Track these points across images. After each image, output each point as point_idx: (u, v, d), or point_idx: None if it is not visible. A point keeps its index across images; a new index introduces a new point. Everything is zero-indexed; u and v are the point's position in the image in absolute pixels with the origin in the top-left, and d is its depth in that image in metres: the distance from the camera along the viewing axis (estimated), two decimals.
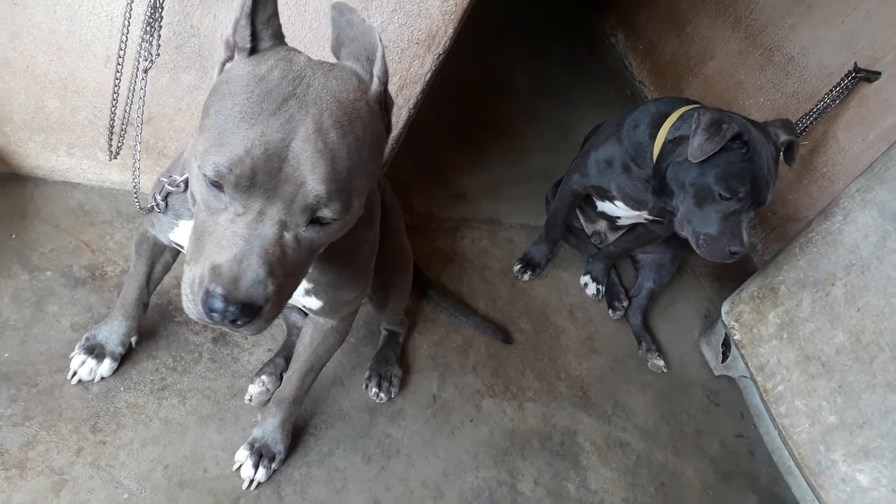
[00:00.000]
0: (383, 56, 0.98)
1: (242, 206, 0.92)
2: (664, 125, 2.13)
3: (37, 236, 1.84)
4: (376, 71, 0.99)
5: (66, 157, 1.93)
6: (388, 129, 1.06)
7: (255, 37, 0.99)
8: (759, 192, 2.00)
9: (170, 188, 1.25)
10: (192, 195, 1.02)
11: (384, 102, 1.03)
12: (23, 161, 1.91)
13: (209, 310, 0.93)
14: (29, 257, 1.79)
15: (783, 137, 2.07)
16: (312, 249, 1.00)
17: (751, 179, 1.97)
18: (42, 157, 1.91)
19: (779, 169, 2.08)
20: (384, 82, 1.00)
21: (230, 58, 1.01)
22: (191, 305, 0.96)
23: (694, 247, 2.10)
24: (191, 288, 0.95)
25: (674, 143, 2.07)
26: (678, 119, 2.11)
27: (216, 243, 0.94)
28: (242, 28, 0.98)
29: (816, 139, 2.99)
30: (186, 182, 1.23)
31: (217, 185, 0.91)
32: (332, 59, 1.06)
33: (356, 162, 0.94)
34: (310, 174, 0.90)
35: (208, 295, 0.92)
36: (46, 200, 1.93)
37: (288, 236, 0.95)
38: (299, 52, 1.02)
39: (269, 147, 0.88)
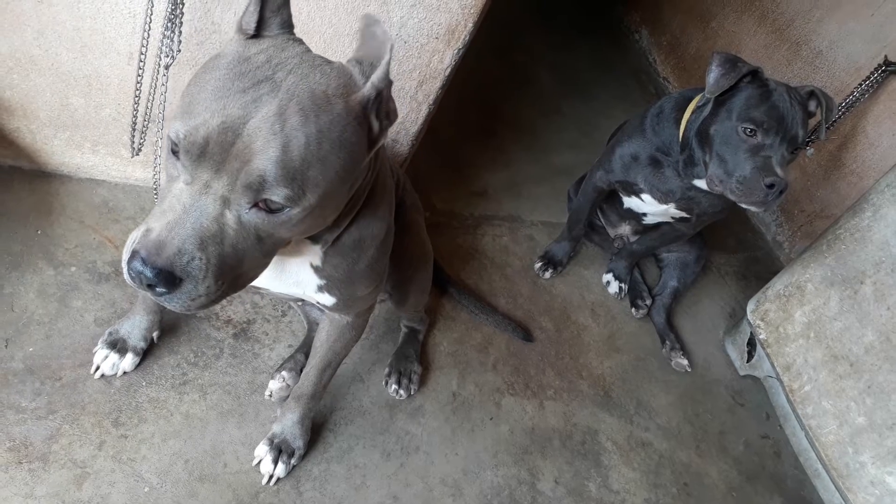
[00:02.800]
0: (388, 65, 0.96)
1: (191, 175, 0.93)
2: (689, 107, 2.11)
3: (62, 232, 1.87)
4: (375, 77, 0.97)
5: (90, 154, 1.95)
6: (374, 141, 1.04)
7: (261, 24, 1.00)
8: (787, 126, 1.94)
9: None
10: None
11: (375, 110, 1.01)
12: (48, 158, 1.94)
13: (128, 270, 0.93)
14: (54, 253, 1.81)
15: (807, 88, 2.04)
16: (260, 237, 0.99)
17: (775, 110, 1.93)
18: (67, 154, 1.94)
19: (808, 120, 2.04)
20: (379, 89, 0.98)
21: None
22: (123, 265, 0.97)
23: (730, 196, 1.99)
24: (126, 248, 0.96)
25: (698, 112, 2.05)
26: (701, 97, 2.10)
27: (161, 209, 0.95)
28: (250, 13, 0.99)
29: (845, 134, 2.93)
30: None
31: (175, 152, 0.93)
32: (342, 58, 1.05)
33: (313, 154, 0.93)
34: (259, 153, 0.90)
35: (133, 256, 0.92)
36: (71, 197, 1.96)
37: (230, 215, 0.94)
38: (301, 43, 1.03)
39: (226, 120, 0.90)
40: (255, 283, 1.29)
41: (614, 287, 2.65)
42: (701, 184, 2.13)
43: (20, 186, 1.91)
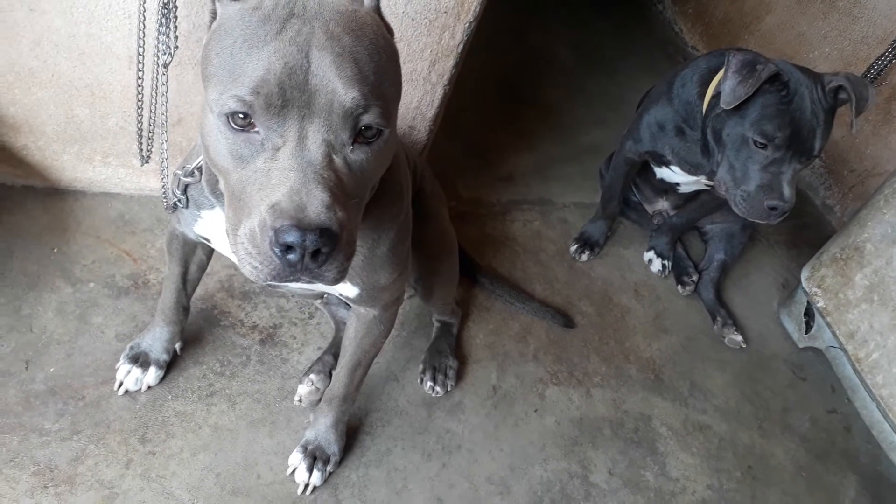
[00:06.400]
0: None
1: (280, 134, 0.85)
2: (714, 80, 1.95)
3: (78, 249, 1.82)
4: None
5: (101, 166, 1.90)
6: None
7: None
8: (801, 140, 1.80)
9: (186, 179, 1.18)
10: (213, 165, 0.95)
11: (384, 19, 0.99)
12: (60, 175, 1.89)
13: (284, 249, 0.82)
14: (71, 270, 1.77)
15: (835, 82, 1.81)
16: (363, 179, 0.92)
17: (790, 123, 1.77)
18: (78, 168, 1.89)
19: (833, 118, 1.85)
20: None
21: (214, 15, 0.95)
22: (255, 262, 0.86)
23: (733, 206, 1.93)
24: (251, 242, 0.85)
25: (718, 97, 1.90)
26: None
27: (261, 189, 0.85)
28: None
29: (893, 85, 2.75)
30: (201, 170, 1.16)
31: (243, 125, 0.85)
32: None
33: (379, 65, 0.89)
34: (338, 78, 0.83)
35: (277, 234, 0.81)
36: (86, 212, 1.91)
37: (338, 160, 0.87)
38: None
39: (287, 60, 0.83)
40: (275, 281, 1.21)
41: (657, 265, 2.51)
42: None
43: (33, 205, 1.87)
